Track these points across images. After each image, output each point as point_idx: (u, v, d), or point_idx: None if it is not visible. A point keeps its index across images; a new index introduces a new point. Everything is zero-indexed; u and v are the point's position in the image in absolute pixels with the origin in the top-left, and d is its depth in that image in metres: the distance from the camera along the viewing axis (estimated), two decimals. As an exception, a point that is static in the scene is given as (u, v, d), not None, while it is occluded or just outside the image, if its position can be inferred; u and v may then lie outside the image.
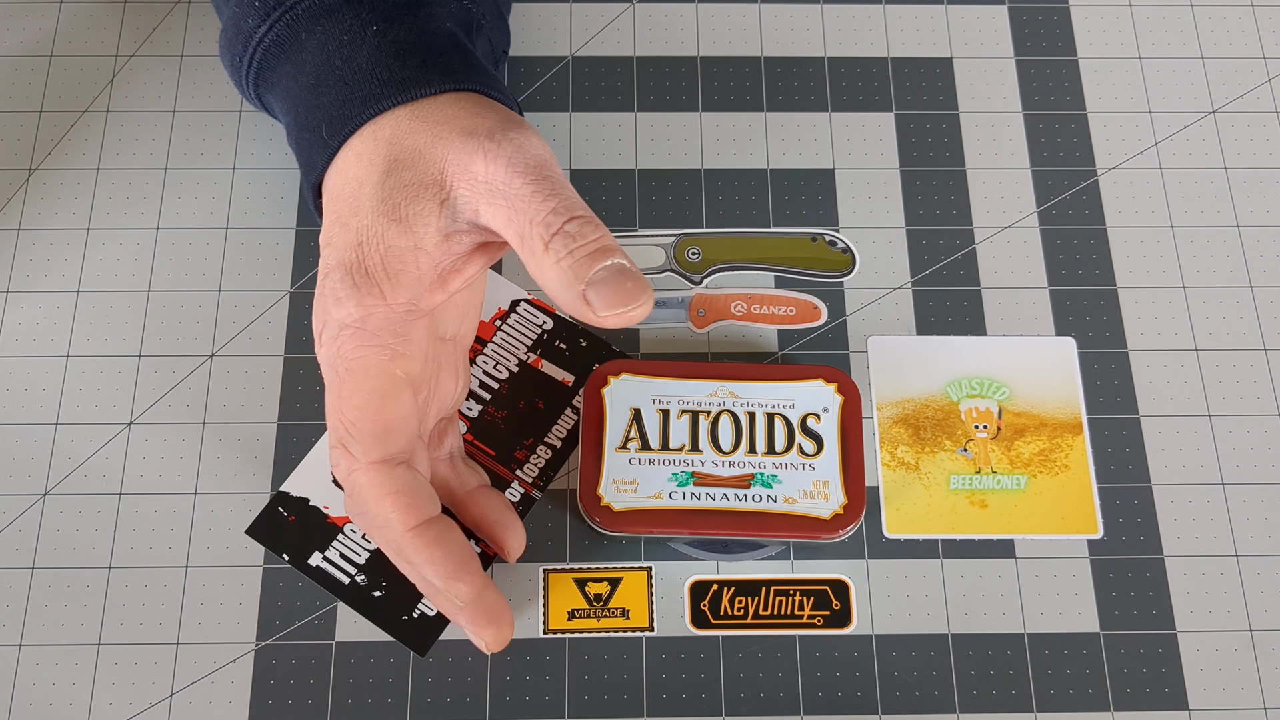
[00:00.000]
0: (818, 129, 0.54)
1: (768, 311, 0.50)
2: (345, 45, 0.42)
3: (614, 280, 0.38)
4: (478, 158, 0.39)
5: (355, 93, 0.41)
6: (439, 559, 0.40)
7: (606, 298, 0.37)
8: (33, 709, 0.44)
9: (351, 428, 0.40)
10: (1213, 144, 0.54)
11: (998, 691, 0.45)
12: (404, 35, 0.43)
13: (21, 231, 0.51)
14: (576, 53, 0.55)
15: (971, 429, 0.49)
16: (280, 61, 0.44)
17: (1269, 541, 0.47)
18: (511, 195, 0.38)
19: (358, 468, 0.40)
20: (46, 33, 0.55)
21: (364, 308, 0.39)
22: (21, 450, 0.48)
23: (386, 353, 0.40)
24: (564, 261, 0.38)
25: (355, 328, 0.40)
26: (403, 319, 0.40)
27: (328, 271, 0.40)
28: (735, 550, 0.47)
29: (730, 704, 0.45)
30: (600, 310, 0.37)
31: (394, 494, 0.40)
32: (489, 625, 0.42)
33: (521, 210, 0.38)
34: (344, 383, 0.40)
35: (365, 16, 0.43)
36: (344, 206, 0.40)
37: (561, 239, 0.38)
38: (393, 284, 0.39)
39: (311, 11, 0.43)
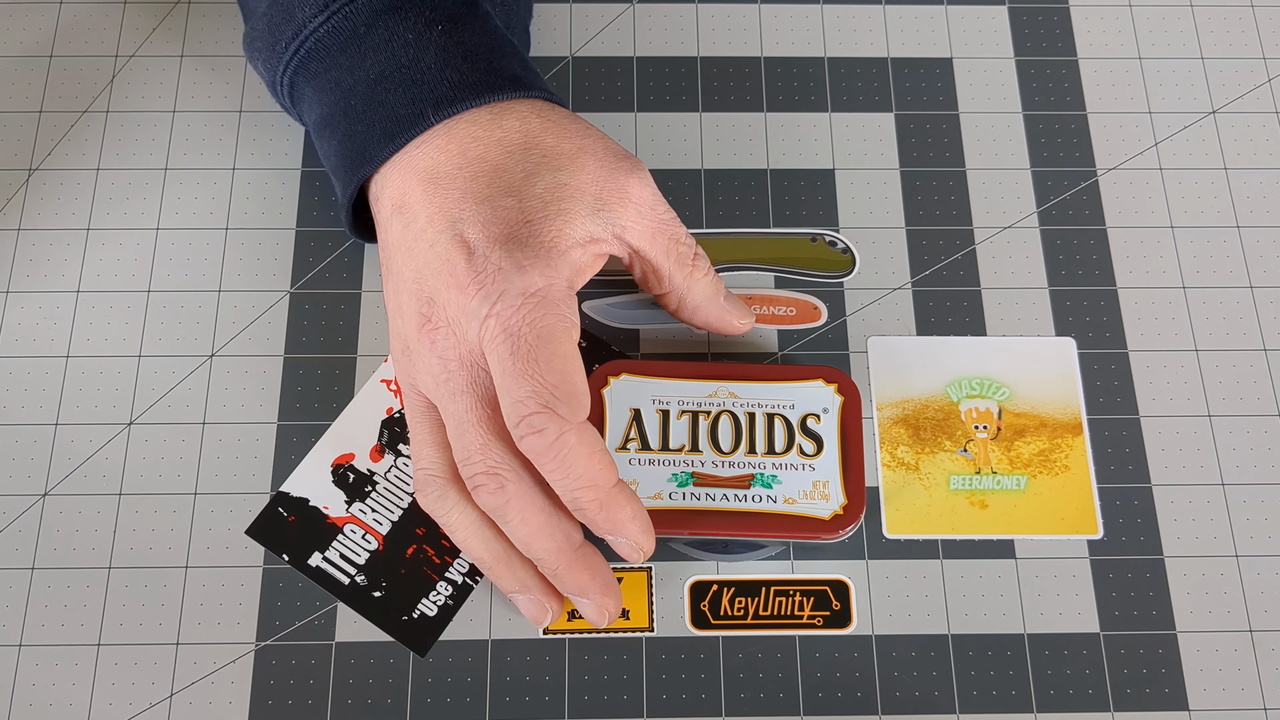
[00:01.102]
0: (818, 129, 0.54)
1: (768, 312, 0.50)
2: (411, 44, 0.44)
3: (734, 298, 0.48)
4: (633, 182, 0.44)
5: (425, 92, 0.43)
6: (640, 512, 0.42)
7: (740, 309, 0.48)
8: (32, 709, 0.44)
9: (557, 390, 0.40)
10: (1213, 144, 0.54)
11: (998, 692, 0.45)
12: (469, 37, 0.45)
13: (21, 232, 0.51)
14: (576, 53, 0.55)
15: (971, 429, 0.49)
16: (333, 53, 0.45)
17: (1269, 542, 0.47)
18: (658, 219, 0.44)
19: (568, 428, 0.40)
20: (46, 33, 0.55)
21: (546, 278, 0.41)
22: (21, 450, 0.48)
23: (568, 322, 0.41)
24: (709, 276, 0.47)
25: (540, 297, 0.41)
26: (569, 295, 0.42)
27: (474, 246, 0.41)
28: (735, 551, 0.47)
29: (730, 704, 0.45)
30: (740, 318, 0.48)
31: (601, 451, 0.41)
32: (614, 595, 0.44)
33: (666, 233, 0.45)
34: (538, 347, 0.41)
35: (429, 16, 0.44)
36: (475, 185, 0.42)
37: (702, 259, 0.46)
38: (564, 261, 0.42)
39: (372, 6, 0.44)
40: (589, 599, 0.44)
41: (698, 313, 0.47)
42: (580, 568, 0.43)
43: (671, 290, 0.46)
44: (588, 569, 0.43)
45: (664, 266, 0.45)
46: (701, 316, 0.47)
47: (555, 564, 0.43)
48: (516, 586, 0.44)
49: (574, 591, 0.43)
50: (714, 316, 0.47)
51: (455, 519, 0.43)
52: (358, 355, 0.49)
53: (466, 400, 0.42)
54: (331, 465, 0.48)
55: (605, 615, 0.44)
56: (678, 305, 0.47)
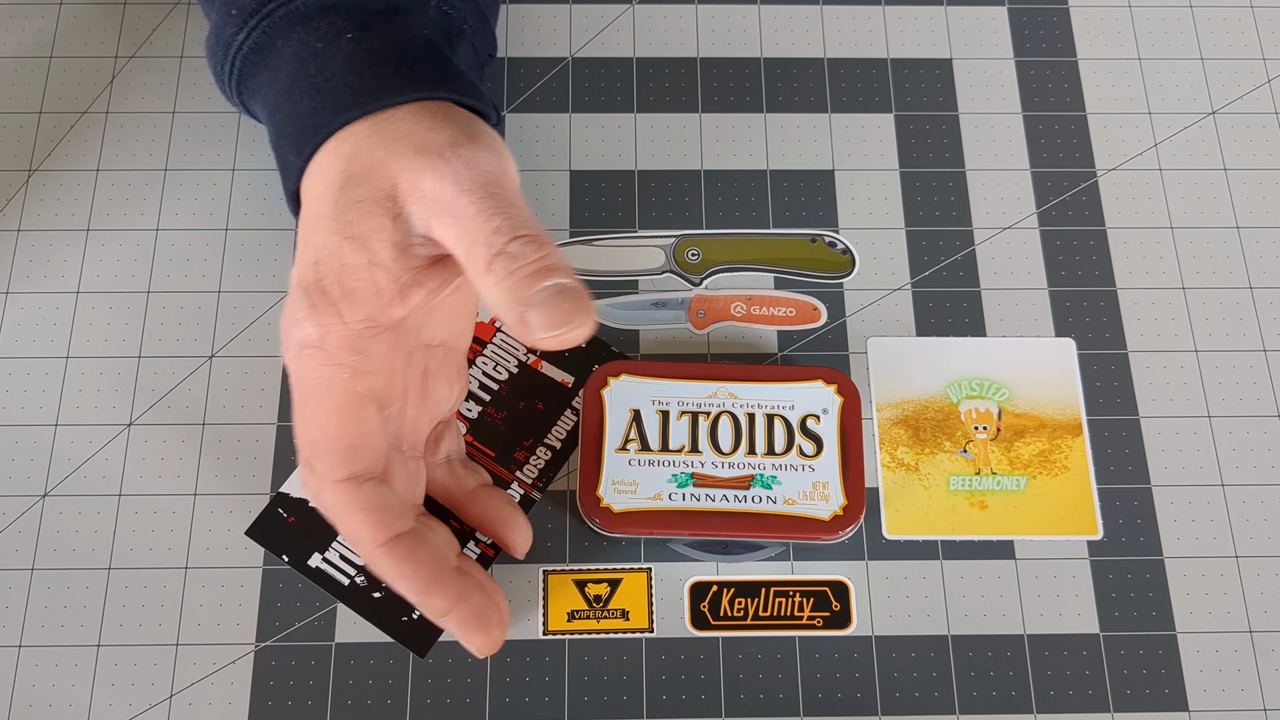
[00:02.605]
0: (817, 130, 0.54)
1: (767, 313, 0.50)
2: (319, 53, 0.42)
3: (552, 301, 0.37)
4: (427, 175, 0.38)
5: (328, 101, 0.41)
6: (409, 574, 0.40)
7: (543, 319, 0.37)
8: (32, 710, 0.44)
9: (316, 446, 0.40)
10: (1212, 145, 0.54)
11: (998, 692, 0.45)
12: (378, 43, 0.42)
13: (21, 233, 0.51)
14: (576, 54, 0.55)
15: (971, 430, 0.49)
16: (259, 69, 0.44)
17: (1269, 542, 0.47)
18: (458, 214, 0.38)
19: (324, 487, 0.40)
20: (46, 34, 0.55)
21: (321, 327, 0.39)
22: (21, 451, 0.48)
23: (346, 370, 0.39)
24: (504, 283, 0.37)
25: (315, 347, 0.39)
26: (361, 336, 0.39)
27: (290, 290, 0.40)
28: (735, 551, 0.47)
29: (730, 705, 0.45)
30: (537, 332, 0.37)
31: (360, 511, 0.40)
32: (477, 630, 0.42)
33: (466, 230, 0.38)
34: (306, 402, 0.40)
35: (340, 24, 0.43)
36: (307, 224, 0.40)
37: (503, 260, 0.37)
38: (349, 302, 0.39)
39: (288, 19, 0.43)
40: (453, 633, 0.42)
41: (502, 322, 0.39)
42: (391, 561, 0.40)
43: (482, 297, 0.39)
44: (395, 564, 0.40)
45: (466, 270, 0.38)
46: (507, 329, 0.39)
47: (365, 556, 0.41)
48: None
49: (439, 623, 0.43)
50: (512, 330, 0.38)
51: None
52: (357, 356, 0.49)
53: None
54: (331, 466, 0.48)
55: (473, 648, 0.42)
56: None
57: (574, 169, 0.53)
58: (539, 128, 0.53)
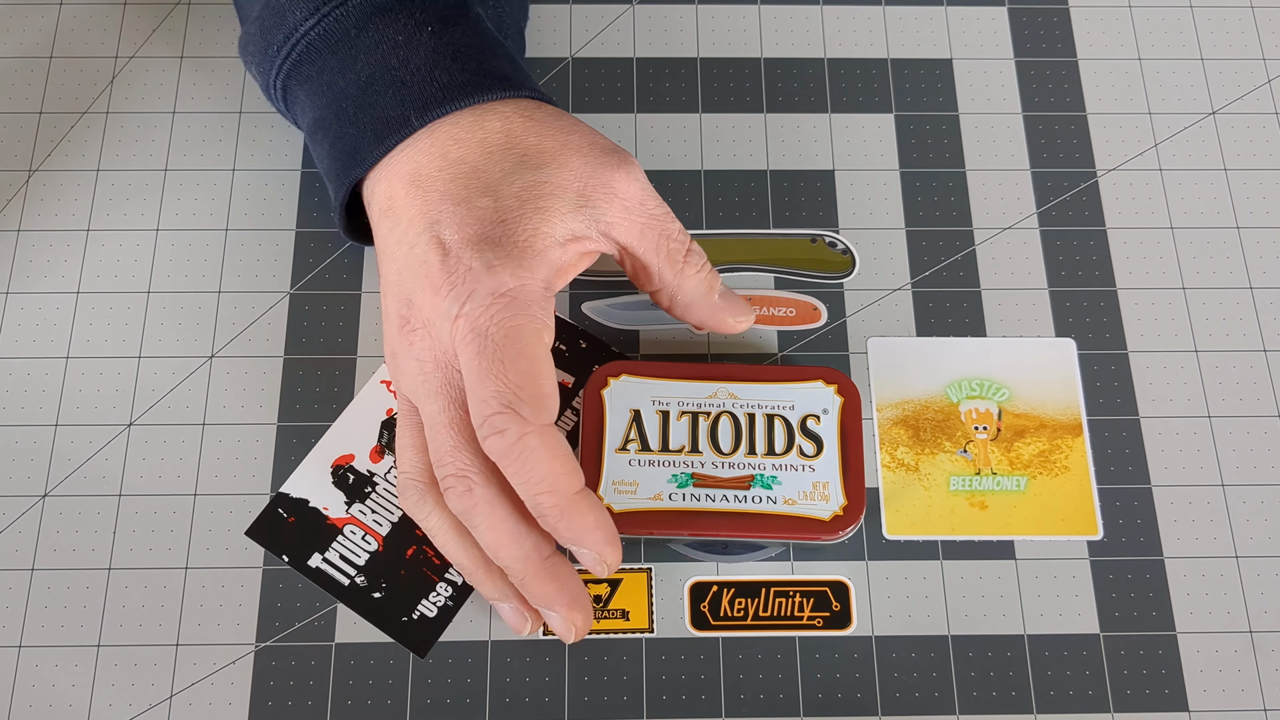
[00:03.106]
0: (817, 130, 0.54)
1: (767, 313, 0.50)
2: (401, 45, 0.44)
3: (732, 295, 0.47)
4: (619, 176, 0.43)
5: (414, 94, 0.43)
6: (605, 523, 0.42)
7: (736, 307, 0.47)
8: (32, 710, 0.44)
9: (521, 390, 0.40)
10: (1212, 145, 0.54)
11: (998, 693, 0.45)
12: (459, 37, 0.44)
13: (21, 233, 0.51)
14: (576, 54, 0.55)
15: (971, 430, 0.49)
16: (324, 55, 0.45)
17: (1269, 543, 0.47)
18: (648, 214, 0.44)
19: (530, 430, 0.40)
20: (46, 34, 0.55)
21: (518, 278, 0.41)
22: (21, 451, 0.48)
23: (538, 323, 0.41)
24: (702, 273, 0.45)
25: (510, 296, 0.41)
26: (544, 297, 0.42)
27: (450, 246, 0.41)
28: (735, 551, 0.47)
29: (730, 705, 0.45)
30: (736, 315, 0.46)
31: (564, 456, 0.41)
32: (582, 610, 0.43)
33: (656, 228, 0.44)
34: (504, 347, 0.40)
35: (419, 17, 0.44)
36: (454, 187, 0.42)
37: (695, 255, 0.45)
38: (538, 260, 0.41)
39: (363, 8, 0.44)
40: (555, 611, 0.43)
41: (690, 311, 0.46)
42: (546, 579, 0.42)
43: (662, 288, 0.45)
44: (554, 580, 0.42)
45: (653, 263, 0.45)
46: (695, 315, 0.46)
47: (522, 573, 0.42)
48: (495, 594, 0.44)
49: (540, 603, 0.43)
50: (706, 315, 0.46)
51: (434, 523, 0.43)
52: (357, 356, 0.49)
53: (440, 402, 0.42)
54: (331, 466, 0.48)
55: (572, 630, 0.43)
56: (670, 303, 0.46)
57: (574, 169, 0.53)
58: (539, 128, 0.53)
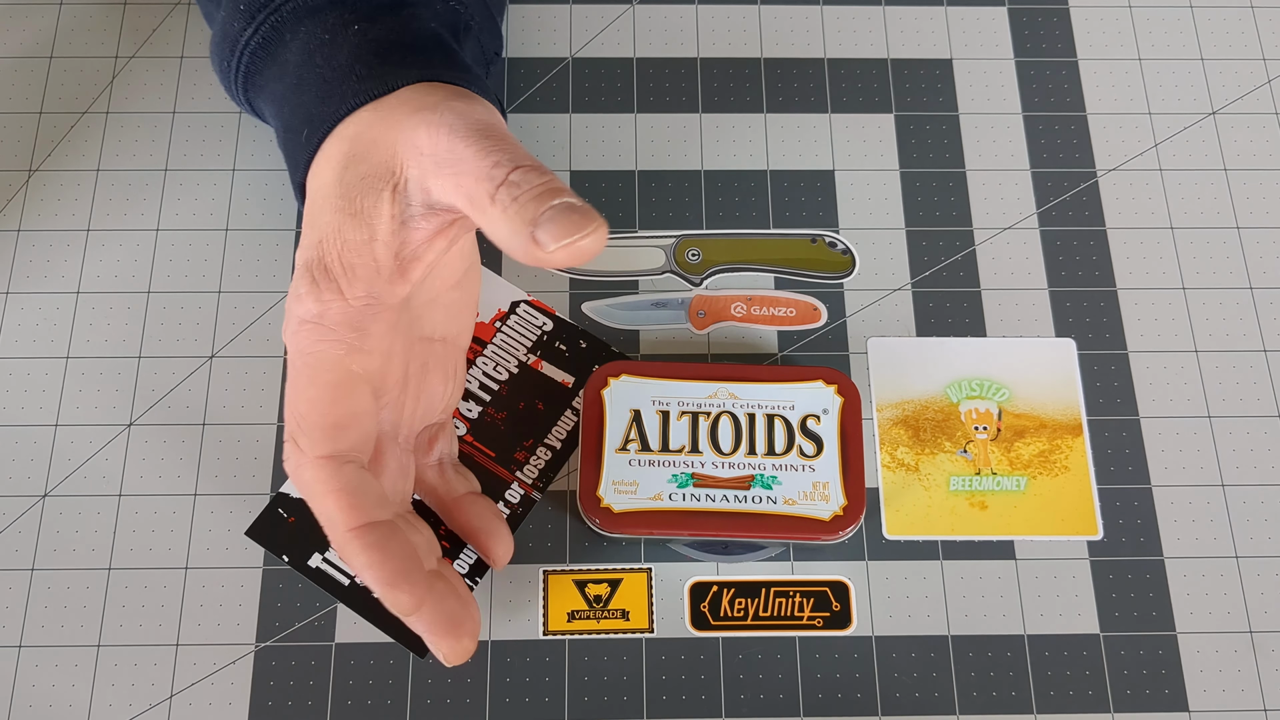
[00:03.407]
0: (818, 130, 0.54)
1: (767, 313, 0.50)
2: (326, 44, 0.43)
3: (561, 215, 0.36)
4: (421, 130, 0.38)
5: (334, 90, 0.42)
6: (377, 564, 0.39)
7: (554, 231, 0.36)
8: (32, 710, 0.44)
9: (302, 420, 0.40)
10: (1212, 145, 0.54)
11: (998, 693, 0.45)
12: (385, 33, 0.43)
13: (21, 233, 0.51)
14: (576, 54, 0.55)
15: (971, 430, 0.49)
16: (266, 64, 0.44)
17: (1269, 543, 0.47)
18: (455, 160, 0.38)
19: (305, 462, 0.40)
20: (46, 34, 0.55)
21: (321, 303, 0.39)
22: (21, 452, 0.48)
23: (342, 347, 0.40)
24: (510, 209, 0.36)
25: (313, 323, 0.40)
26: (361, 313, 0.40)
27: (296, 271, 0.41)
28: (735, 552, 0.47)
29: (730, 705, 0.45)
30: (549, 245, 0.36)
31: (336, 491, 0.39)
32: (446, 635, 0.40)
33: (466, 171, 0.37)
34: (298, 375, 0.40)
35: (347, 16, 0.43)
36: (313, 208, 0.41)
37: (506, 189, 0.37)
38: (349, 278, 0.39)
39: (296, 13, 0.43)
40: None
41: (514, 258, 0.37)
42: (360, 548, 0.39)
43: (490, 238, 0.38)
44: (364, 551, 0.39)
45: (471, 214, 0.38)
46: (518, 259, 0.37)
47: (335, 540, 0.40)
48: None
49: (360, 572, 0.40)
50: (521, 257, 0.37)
51: None
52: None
53: None
54: (331, 466, 0.48)
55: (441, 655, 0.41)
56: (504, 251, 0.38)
57: (574, 169, 0.53)
58: (539, 128, 0.53)
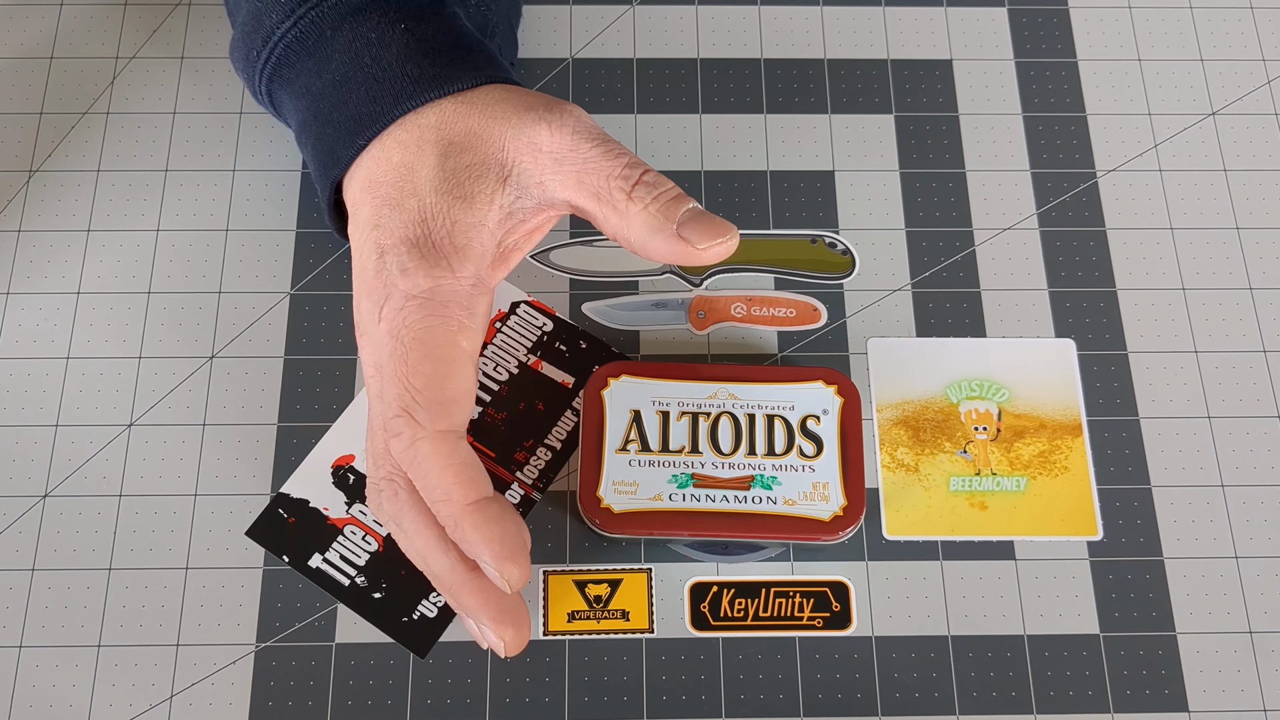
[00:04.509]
0: (817, 131, 0.54)
1: (767, 313, 0.50)
2: (374, 43, 0.43)
3: (703, 218, 0.41)
4: (541, 129, 0.41)
5: (386, 90, 0.43)
6: (496, 537, 0.40)
7: (702, 232, 0.41)
8: (32, 710, 0.44)
9: (419, 395, 0.40)
10: (1212, 146, 0.54)
11: (998, 693, 0.45)
12: (432, 33, 0.44)
13: (22, 233, 0.51)
14: (576, 55, 0.55)
15: (971, 431, 0.49)
16: (302, 58, 0.45)
17: (1269, 543, 0.47)
18: (581, 159, 0.41)
19: (423, 435, 0.40)
20: (47, 35, 0.55)
21: (433, 278, 0.40)
22: (21, 452, 0.48)
23: (454, 324, 0.41)
24: (651, 206, 0.41)
25: (424, 298, 0.40)
26: (469, 293, 0.41)
27: (384, 250, 0.41)
28: (735, 552, 0.47)
29: (730, 706, 0.45)
30: (700, 243, 0.40)
31: (458, 465, 0.40)
32: (512, 624, 0.42)
33: (595, 170, 0.41)
34: (411, 350, 0.40)
35: (393, 15, 0.44)
36: (393, 191, 0.42)
37: (643, 188, 0.41)
38: (460, 257, 0.41)
39: (338, 9, 0.44)
40: (483, 625, 0.42)
41: (648, 250, 0.42)
42: (472, 591, 0.41)
43: (615, 233, 0.42)
44: (480, 593, 0.41)
45: (596, 211, 0.42)
46: (653, 254, 0.42)
47: (449, 583, 0.41)
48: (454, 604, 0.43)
49: (468, 614, 0.42)
50: (665, 251, 0.41)
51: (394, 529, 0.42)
52: (358, 357, 0.49)
53: (375, 405, 0.42)
54: (331, 466, 0.48)
55: (500, 645, 0.42)
56: (628, 246, 0.42)
57: (574, 170, 0.53)
58: (539, 128, 0.53)
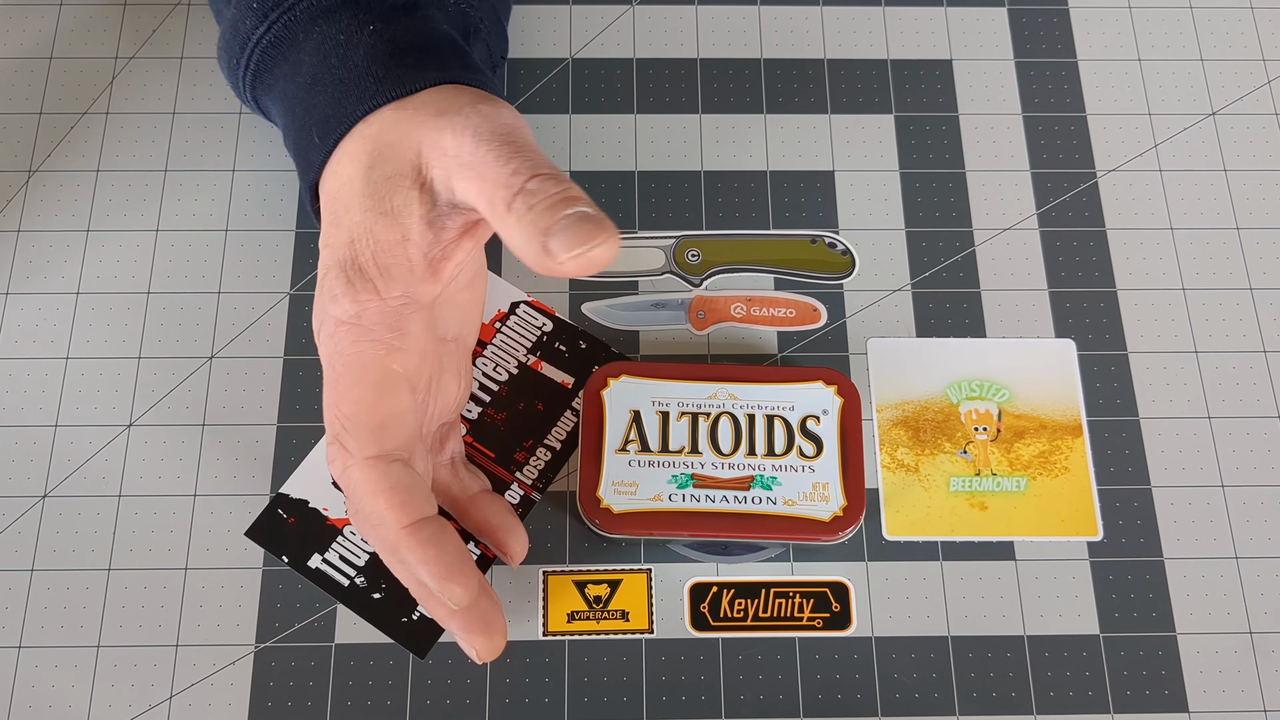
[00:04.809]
0: (817, 131, 0.54)
1: (767, 313, 0.50)
2: (341, 45, 0.43)
3: (574, 225, 0.36)
4: (446, 133, 0.39)
5: (350, 91, 0.42)
6: (433, 558, 0.39)
7: (565, 241, 0.36)
8: (32, 711, 0.44)
9: (347, 422, 0.40)
10: (1212, 146, 0.54)
11: (998, 694, 0.45)
12: (400, 34, 0.43)
13: (21, 234, 0.51)
14: (576, 55, 0.55)
15: (971, 431, 0.49)
16: (277, 63, 0.45)
17: (1269, 544, 0.47)
18: (478, 164, 0.38)
19: (353, 463, 0.40)
20: (46, 35, 0.55)
21: (358, 303, 0.40)
22: (21, 452, 0.48)
23: (383, 347, 0.40)
24: (525, 217, 0.36)
25: (351, 323, 0.40)
26: (398, 313, 0.40)
27: (325, 271, 0.41)
28: (735, 552, 0.47)
29: (730, 706, 0.45)
30: (560, 255, 0.36)
31: (388, 490, 0.39)
32: (480, 633, 0.42)
33: (487, 177, 0.38)
34: (340, 377, 0.40)
35: (362, 17, 0.43)
36: (338, 207, 0.41)
37: (523, 197, 0.37)
38: (385, 278, 0.40)
39: (309, 12, 0.44)
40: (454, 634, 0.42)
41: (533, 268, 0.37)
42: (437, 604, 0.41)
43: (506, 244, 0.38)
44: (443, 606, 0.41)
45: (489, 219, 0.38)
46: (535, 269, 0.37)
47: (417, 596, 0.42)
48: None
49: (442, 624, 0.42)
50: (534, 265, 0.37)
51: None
52: (357, 357, 0.49)
53: None
54: (331, 467, 0.48)
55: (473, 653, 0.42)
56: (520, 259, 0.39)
57: (574, 170, 0.53)
58: (539, 129, 0.53)
